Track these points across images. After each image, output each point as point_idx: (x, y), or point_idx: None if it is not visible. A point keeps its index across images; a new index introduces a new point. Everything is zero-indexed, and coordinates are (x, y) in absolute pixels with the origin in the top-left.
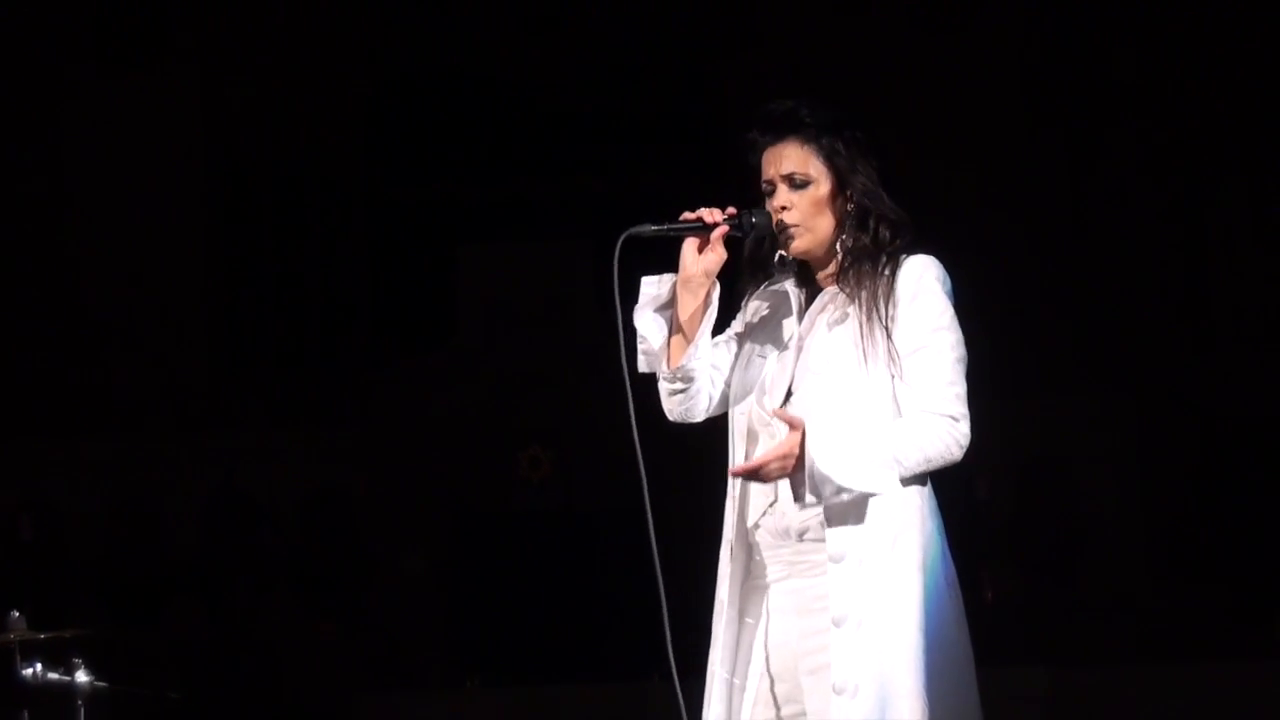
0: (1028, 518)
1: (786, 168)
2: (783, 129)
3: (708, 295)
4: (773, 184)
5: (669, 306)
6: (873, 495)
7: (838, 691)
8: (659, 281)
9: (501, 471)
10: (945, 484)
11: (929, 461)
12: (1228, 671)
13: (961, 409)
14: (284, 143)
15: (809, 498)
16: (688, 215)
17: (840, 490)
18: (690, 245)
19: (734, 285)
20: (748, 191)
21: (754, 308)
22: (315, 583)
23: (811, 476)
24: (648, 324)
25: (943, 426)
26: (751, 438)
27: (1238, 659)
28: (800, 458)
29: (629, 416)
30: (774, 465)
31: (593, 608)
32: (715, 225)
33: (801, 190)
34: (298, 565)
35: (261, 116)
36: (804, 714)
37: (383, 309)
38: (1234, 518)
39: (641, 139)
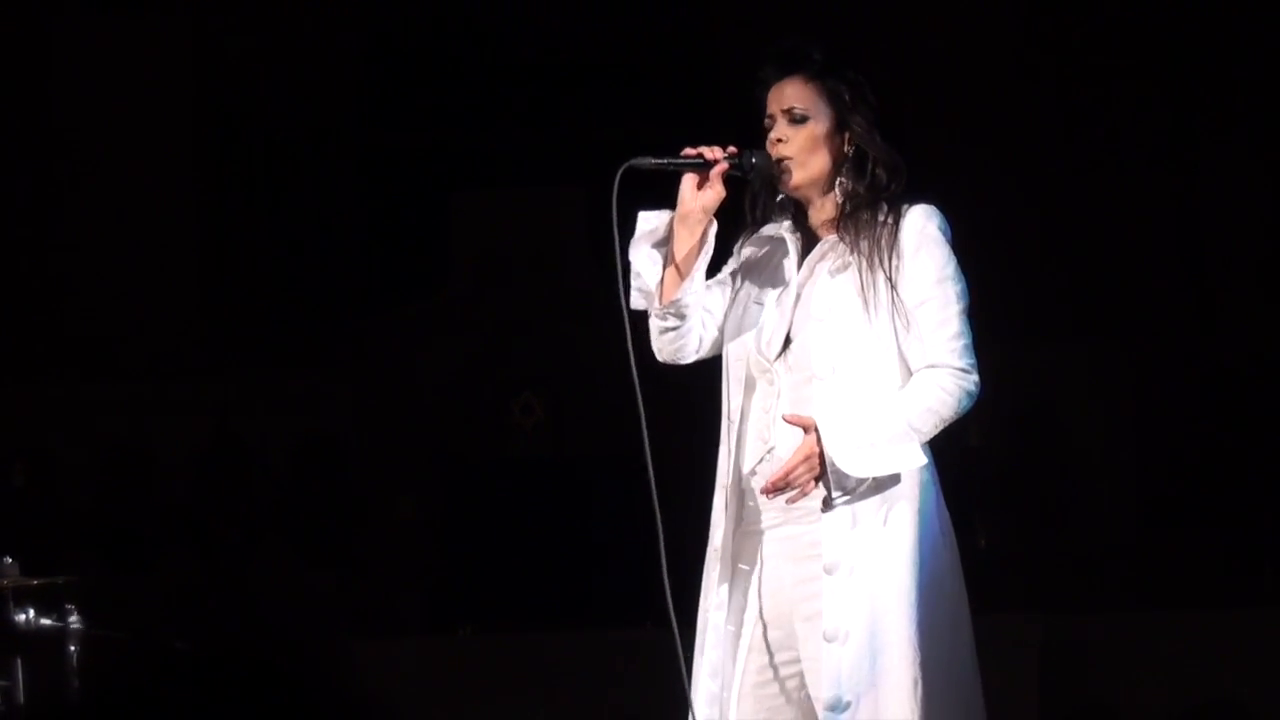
0: (1020, 465)
1: (786, 102)
2: (789, 66)
3: (704, 232)
4: (773, 118)
5: (665, 243)
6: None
7: (828, 639)
8: (656, 216)
9: (494, 418)
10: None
11: (944, 420)
12: (1221, 619)
13: (970, 359)
14: (275, 90)
15: (836, 493)
16: (688, 151)
17: (864, 481)
18: (689, 181)
19: (730, 229)
20: (742, 133)
21: (748, 252)
22: (307, 529)
23: (834, 475)
24: (643, 259)
25: (951, 381)
26: (749, 385)
27: (1231, 607)
28: (820, 456)
29: (627, 348)
30: (801, 470)
31: (585, 554)
32: (715, 162)
33: (799, 125)
34: (290, 512)
35: (252, 63)
36: (798, 660)
37: (375, 256)
38: (1227, 465)
39: (632, 83)
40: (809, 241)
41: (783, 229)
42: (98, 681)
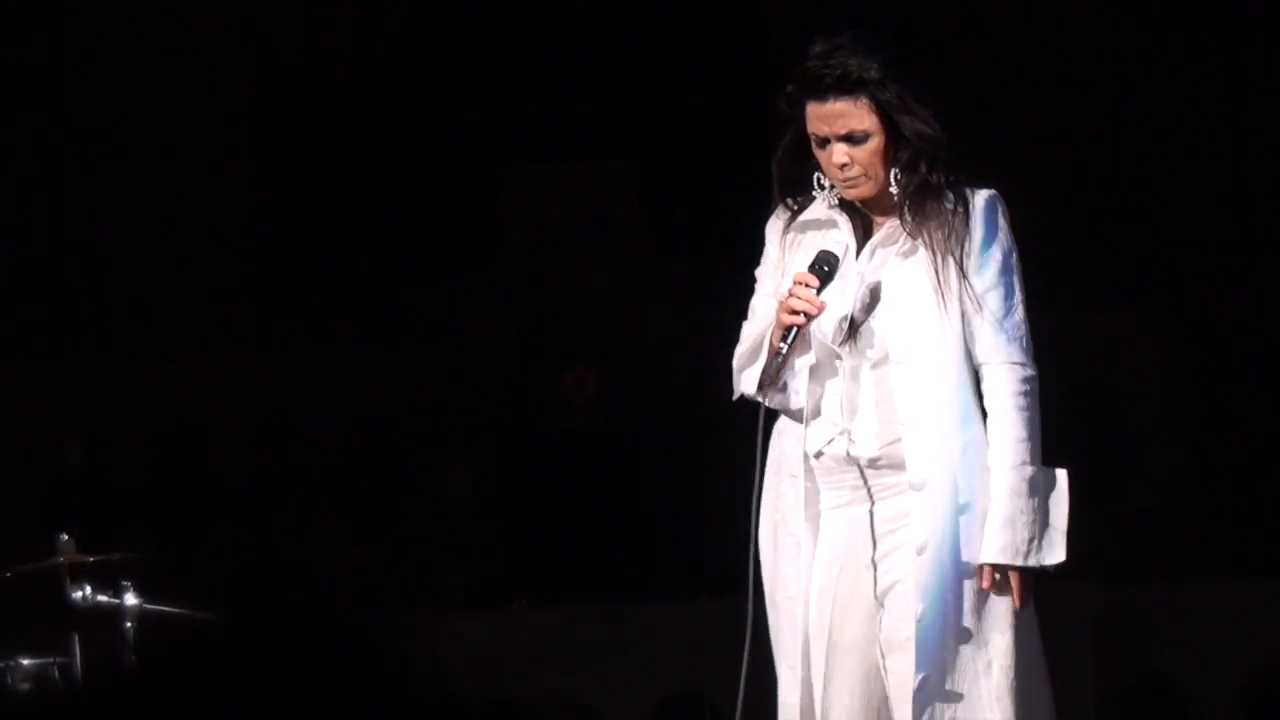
0: (1073, 433)
1: (843, 127)
2: (831, 89)
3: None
4: (826, 140)
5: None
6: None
7: (919, 619)
8: (755, 372)
9: (546, 393)
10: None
11: (1035, 424)
12: (1277, 588)
13: (1029, 351)
14: (325, 66)
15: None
16: (795, 320)
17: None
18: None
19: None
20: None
21: (795, 236)
22: (360, 505)
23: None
24: (747, 385)
25: (1012, 378)
26: (817, 369)
27: None
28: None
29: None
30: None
31: (637, 527)
32: (820, 310)
33: (861, 145)
34: (343, 488)
35: (302, 40)
36: (874, 638)
37: (426, 232)
38: None
39: (682, 55)
40: (860, 223)
41: (830, 211)
42: (154, 657)
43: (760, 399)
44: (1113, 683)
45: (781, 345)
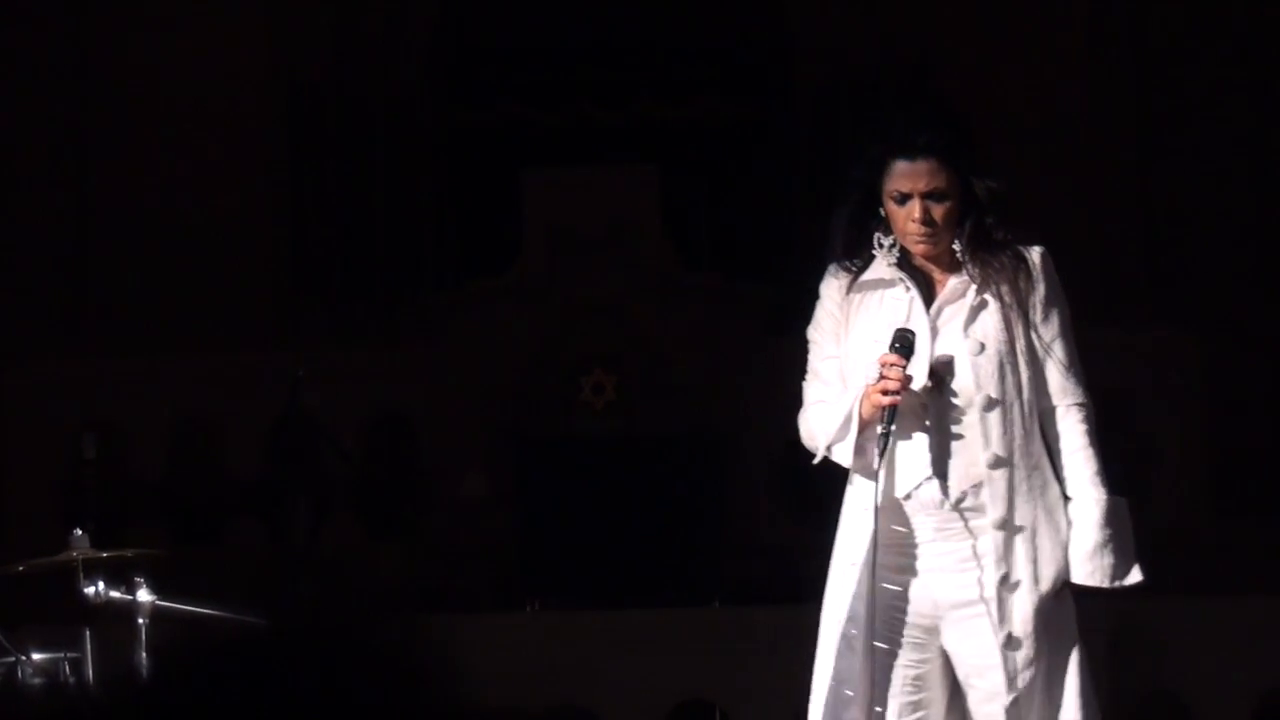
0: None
1: (928, 185)
2: (923, 150)
3: None
4: (909, 196)
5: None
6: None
7: (1013, 648)
8: (846, 446)
9: (564, 396)
10: None
11: (1101, 455)
12: None
13: (1086, 389)
14: (350, 65)
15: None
16: (885, 401)
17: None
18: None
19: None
20: (817, 108)
21: (854, 299)
22: (377, 505)
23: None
24: (843, 456)
25: (1082, 416)
26: (902, 417)
27: None
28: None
29: None
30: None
31: (654, 532)
32: (906, 387)
33: (941, 203)
34: (360, 487)
35: (328, 39)
36: (938, 668)
37: (448, 233)
38: None
39: (706, 63)
40: (921, 279)
41: (892, 270)
42: (166, 654)
43: (848, 466)
44: (1126, 700)
45: (890, 429)
